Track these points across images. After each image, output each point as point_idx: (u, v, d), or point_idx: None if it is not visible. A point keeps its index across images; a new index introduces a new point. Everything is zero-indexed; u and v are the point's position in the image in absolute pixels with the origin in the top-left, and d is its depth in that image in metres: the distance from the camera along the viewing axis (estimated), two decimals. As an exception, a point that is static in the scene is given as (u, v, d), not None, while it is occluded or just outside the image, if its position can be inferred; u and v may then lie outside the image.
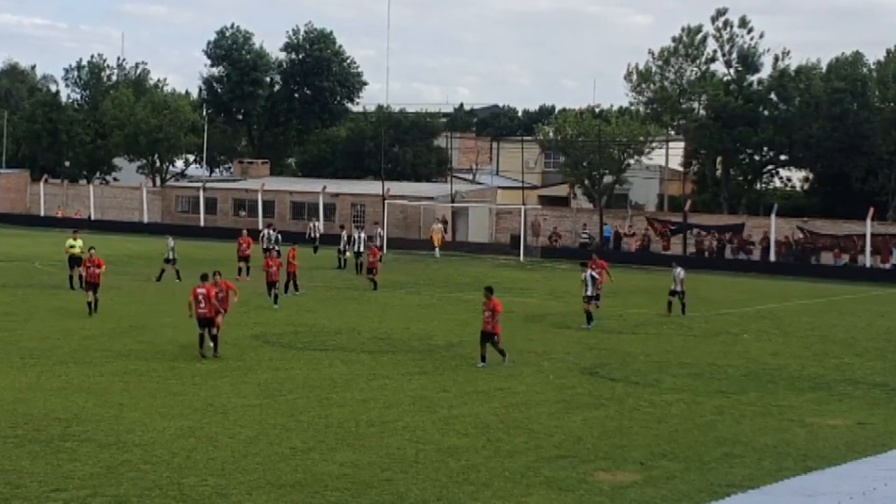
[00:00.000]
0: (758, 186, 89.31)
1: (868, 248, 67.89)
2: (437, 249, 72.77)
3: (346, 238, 63.82)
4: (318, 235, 71.16)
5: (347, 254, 62.38)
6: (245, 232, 57.24)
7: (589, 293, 40.84)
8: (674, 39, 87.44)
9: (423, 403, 25.96)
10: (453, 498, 18.52)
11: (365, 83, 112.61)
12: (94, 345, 32.60)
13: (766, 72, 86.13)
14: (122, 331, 35.94)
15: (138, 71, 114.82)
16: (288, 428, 22.88)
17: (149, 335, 35.26)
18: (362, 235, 61.04)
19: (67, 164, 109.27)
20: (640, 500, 18.67)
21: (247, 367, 30.17)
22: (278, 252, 51.56)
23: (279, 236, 62.54)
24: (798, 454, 22.05)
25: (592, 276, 41.11)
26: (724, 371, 31.76)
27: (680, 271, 45.47)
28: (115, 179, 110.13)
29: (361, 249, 59.23)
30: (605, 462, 21.06)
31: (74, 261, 48.09)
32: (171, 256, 52.57)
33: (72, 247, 48.98)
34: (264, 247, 57.80)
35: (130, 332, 35.87)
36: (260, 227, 74.68)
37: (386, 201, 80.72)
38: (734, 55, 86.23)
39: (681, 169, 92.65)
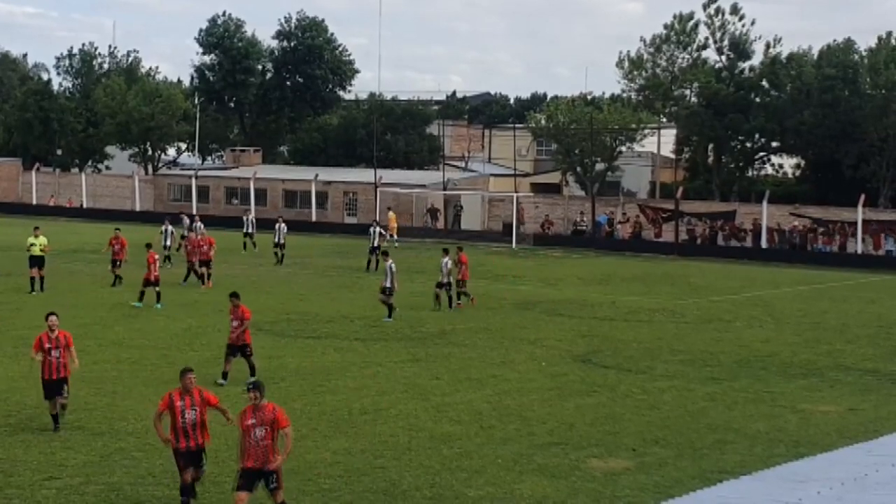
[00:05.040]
0: (749, 173, 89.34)
1: (860, 235, 67.96)
2: (394, 237, 71.24)
3: (247, 221, 64.60)
4: (253, 230, 64.37)
5: (253, 238, 62.90)
6: (200, 228, 53.95)
7: (387, 284, 38.43)
8: (665, 27, 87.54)
9: (416, 391, 26.01)
10: (446, 485, 18.57)
11: (357, 71, 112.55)
12: (86, 333, 32.57)
13: (757, 59, 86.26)
14: (114, 319, 35.95)
15: (130, 59, 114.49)
16: (281, 416, 22.91)
17: (141, 323, 35.27)
18: (378, 230, 57.08)
19: (59, 152, 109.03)
20: (632, 487, 18.73)
21: (239, 355, 30.18)
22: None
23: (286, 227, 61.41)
24: (790, 440, 22.13)
25: (391, 268, 38.82)
26: (716, 358, 31.82)
27: (447, 261, 41.54)
28: (107, 168, 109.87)
29: (377, 244, 55.11)
30: (598, 449, 21.12)
31: (35, 261, 43.43)
32: None
33: (32, 245, 43.83)
34: (276, 241, 56.66)
35: (123, 320, 35.88)
36: (253, 215, 74.61)
37: (378, 189, 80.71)
38: (726, 42, 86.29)
39: (672, 156, 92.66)
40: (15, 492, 17.64)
